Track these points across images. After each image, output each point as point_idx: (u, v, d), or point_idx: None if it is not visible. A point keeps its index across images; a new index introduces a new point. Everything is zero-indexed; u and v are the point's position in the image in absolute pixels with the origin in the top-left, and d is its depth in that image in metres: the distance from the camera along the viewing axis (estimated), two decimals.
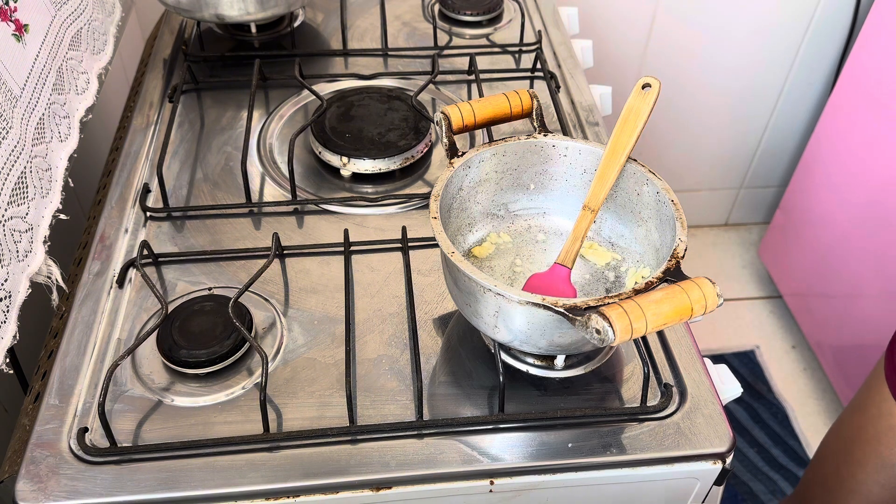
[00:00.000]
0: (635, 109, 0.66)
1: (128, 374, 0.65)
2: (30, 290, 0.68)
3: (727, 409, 0.66)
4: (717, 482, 0.64)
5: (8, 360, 0.64)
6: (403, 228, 0.77)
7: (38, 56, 0.76)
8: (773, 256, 1.79)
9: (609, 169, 0.67)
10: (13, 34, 0.72)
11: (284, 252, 0.76)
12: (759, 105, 1.73)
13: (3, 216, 0.65)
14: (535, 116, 0.70)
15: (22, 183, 0.69)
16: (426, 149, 0.87)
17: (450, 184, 0.66)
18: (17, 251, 0.67)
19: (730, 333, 1.77)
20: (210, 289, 0.72)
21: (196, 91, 0.96)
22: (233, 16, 0.96)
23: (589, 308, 0.52)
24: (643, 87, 0.66)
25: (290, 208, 0.81)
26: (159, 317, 0.67)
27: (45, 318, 0.76)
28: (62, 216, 0.75)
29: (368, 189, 0.84)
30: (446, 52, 1.02)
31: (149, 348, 0.66)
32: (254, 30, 1.04)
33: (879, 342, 1.42)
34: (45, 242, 0.71)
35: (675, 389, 0.65)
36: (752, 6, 1.54)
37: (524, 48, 1.04)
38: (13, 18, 0.72)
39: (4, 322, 0.64)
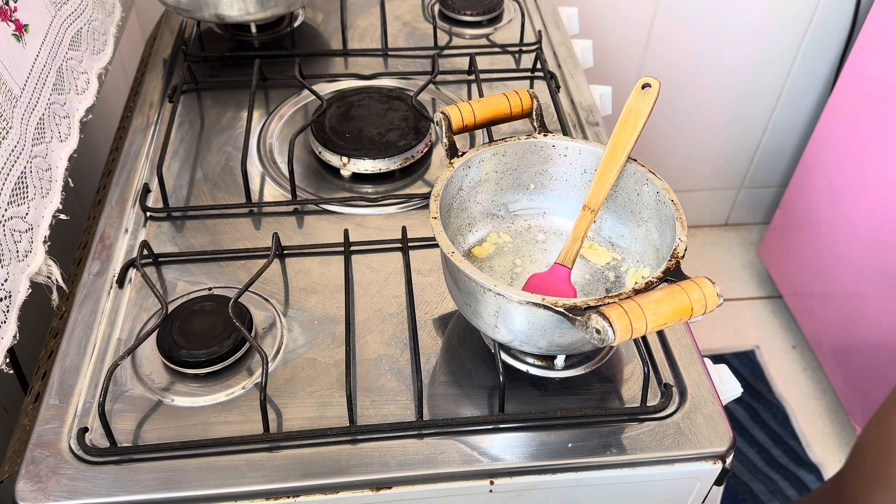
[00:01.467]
0: (635, 109, 0.66)
1: (128, 374, 0.65)
2: (30, 290, 0.68)
3: (727, 409, 0.66)
4: (717, 482, 0.64)
5: (8, 360, 0.64)
6: (403, 228, 0.77)
7: (38, 56, 0.76)
8: (773, 256, 1.79)
9: (609, 169, 0.67)
10: (13, 34, 0.72)
11: (284, 252, 0.76)
12: (759, 105, 1.73)
13: (3, 216, 0.65)
14: (535, 116, 0.70)
15: (22, 183, 0.69)
16: (426, 149, 0.87)
17: (450, 184, 0.66)
18: (17, 251, 0.67)
19: (730, 333, 1.77)
20: (210, 289, 0.72)
21: (196, 91, 0.96)
22: (233, 16, 0.96)
23: (589, 308, 0.52)
24: (643, 87, 0.66)
25: (290, 208, 0.81)
26: (159, 317, 0.67)
27: (45, 318, 0.76)
28: (62, 216, 0.75)
29: (368, 189, 0.84)
30: (446, 52, 1.02)
31: (149, 348, 0.66)
32: (254, 30, 1.04)
33: (879, 342, 1.42)
34: (45, 242, 0.71)
35: (675, 389, 0.65)
36: (752, 6, 1.54)
37: (524, 48, 1.04)
38: (13, 18, 0.72)
39: (4, 322, 0.64)
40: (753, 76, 1.67)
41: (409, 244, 0.76)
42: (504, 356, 0.67)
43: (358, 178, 0.85)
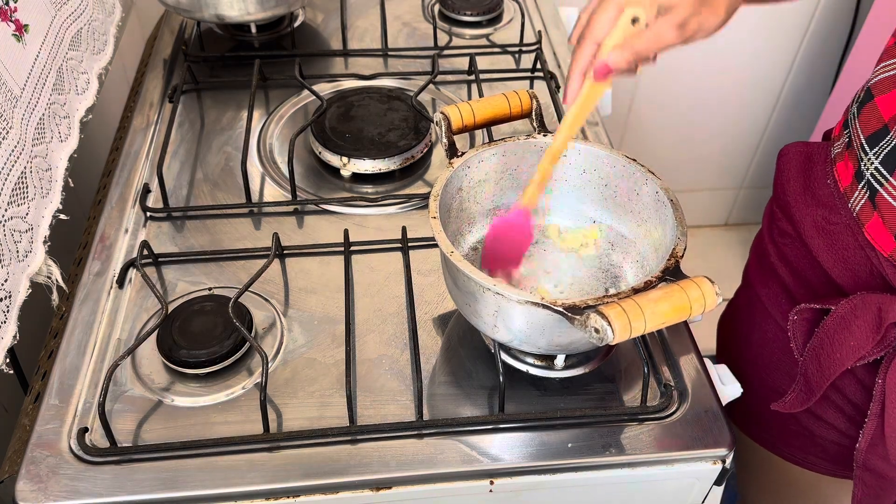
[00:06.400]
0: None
1: (128, 374, 0.65)
2: (30, 290, 0.68)
3: (727, 409, 0.66)
4: (717, 482, 0.64)
5: (8, 360, 0.64)
6: (403, 228, 0.77)
7: (38, 56, 0.76)
8: None
9: (583, 112, 0.62)
10: (13, 34, 0.72)
11: (284, 252, 0.76)
12: (759, 105, 1.73)
13: (3, 216, 0.65)
14: (534, 116, 0.70)
15: (22, 183, 0.69)
16: (426, 149, 0.87)
17: (449, 184, 0.66)
18: (17, 251, 0.67)
19: None
20: (210, 289, 0.72)
21: (196, 91, 0.96)
22: (233, 16, 0.96)
23: (588, 307, 0.52)
24: (633, 22, 0.59)
25: (290, 208, 0.81)
26: (159, 317, 0.67)
27: (45, 318, 0.76)
28: (62, 216, 0.75)
29: (368, 189, 0.84)
30: (446, 52, 1.02)
31: (149, 348, 0.66)
32: (254, 30, 1.04)
33: None
34: (45, 242, 0.71)
35: (675, 389, 0.65)
36: (752, 6, 1.54)
37: (524, 48, 1.04)
38: (13, 18, 0.72)
39: (4, 322, 0.64)
40: (753, 76, 1.67)
41: (409, 244, 0.76)
42: (504, 356, 0.67)
43: (358, 178, 0.85)
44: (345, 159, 0.83)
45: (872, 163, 0.65)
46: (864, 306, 0.66)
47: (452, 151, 0.67)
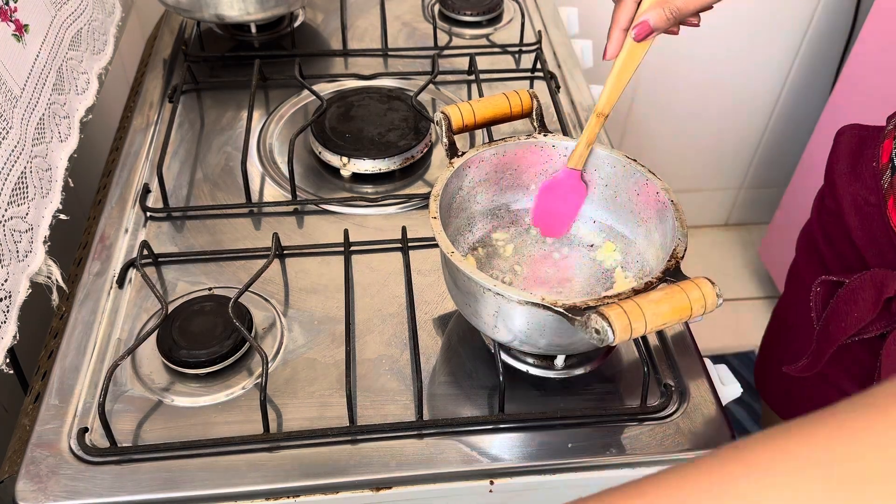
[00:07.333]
0: None
1: (128, 374, 0.65)
2: (30, 290, 0.68)
3: (727, 409, 0.66)
4: None
5: (8, 360, 0.64)
6: (403, 228, 0.77)
7: (38, 56, 0.76)
8: (773, 256, 1.79)
9: (626, 71, 0.63)
10: (13, 34, 0.72)
11: (284, 252, 0.76)
12: (759, 105, 1.73)
13: (3, 216, 0.65)
14: (535, 116, 0.70)
15: (22, 183, 0.69)
16: (426, 149, 0.87)
17: (450, 184, 0.66)
18: (17, 251, 0.67)
19: (730, 333, 1.77)
20: (210, 289, 0.72)
21: (196, 91, 0.96)
22: (233, 16, 0.96)
23: (588, 308, 0.52)
24: None
25: (290, 208, 0.81)
26: (159, 317, 0.67)
27: (45, 318, 0.76)
28: (62, 216, 0.75)
29: (368, 189, 0.84)
30: (446, 52, 1.02)
31: (149, 348, 0.66)
32: (254, 30, 1.04)
33: None
34: (45, 242, 0.71)
35: (675, 389, 0.65)
36: (752, 6, 1.54)
37: (524, 48, 1.04)
38: (13, 18, 0.72)
39: (4, 322, 0.64)
40: (753, 76, 1.67)
41: (409, 244, 0.76)
42: (504, 356, 0.67)
43: (358, 178, 0.85)
44: (345, 159, 0.83)
45: None
46: (871, 281, 0.68)
47: (453, 151, 0.67)
